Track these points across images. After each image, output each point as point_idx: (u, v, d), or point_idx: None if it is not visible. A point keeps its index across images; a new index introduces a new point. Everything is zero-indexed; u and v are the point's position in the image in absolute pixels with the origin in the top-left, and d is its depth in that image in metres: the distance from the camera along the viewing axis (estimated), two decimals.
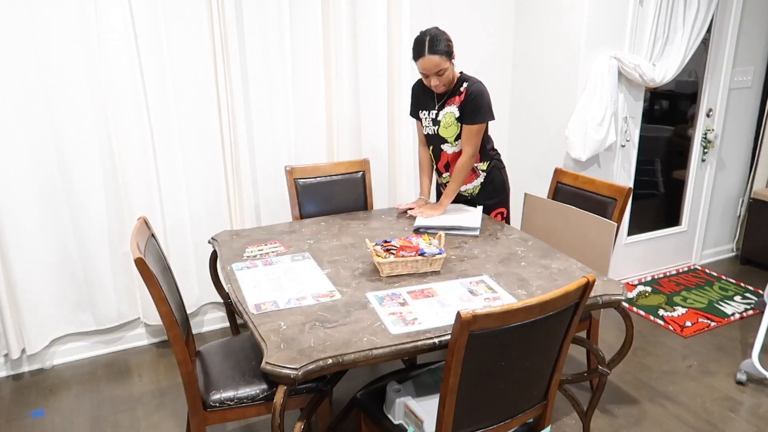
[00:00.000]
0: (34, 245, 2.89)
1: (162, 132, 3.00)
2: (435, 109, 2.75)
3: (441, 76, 2.58)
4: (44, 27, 2.69)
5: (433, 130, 2.78)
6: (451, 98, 2.69)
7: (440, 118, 2.72)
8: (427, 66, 2.55)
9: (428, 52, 2.52)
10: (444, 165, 2.83)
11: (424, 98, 2.81)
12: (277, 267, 2.28)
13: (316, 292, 2.06)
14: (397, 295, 2.03)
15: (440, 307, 1.94)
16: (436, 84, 2.59)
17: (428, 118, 2.78)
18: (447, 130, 2.72)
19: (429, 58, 2.53)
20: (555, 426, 2.62)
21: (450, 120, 2.69)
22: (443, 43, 2.53)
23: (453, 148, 2.76)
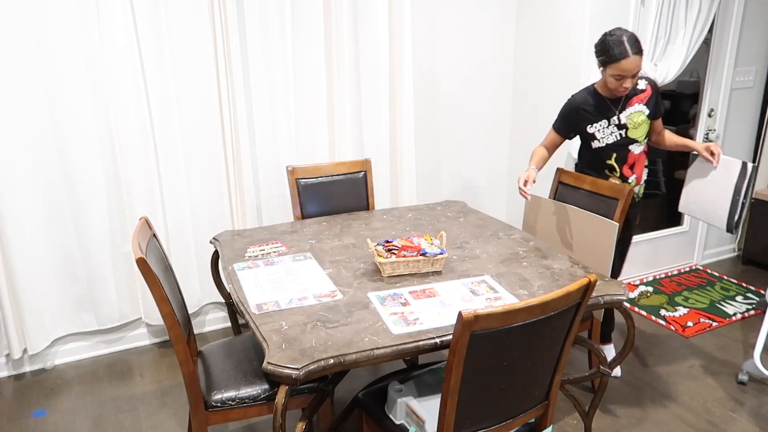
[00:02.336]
0: (36, 245, 2.90)
1: (163, 132, 3.00)
2: (615, 114, 2.62)
3: (634, 77, 2.47)
4: (46, 27, 2.69)
5: (618, 135, 2.64)
6: (630, 99, 2.61)
7: (625, 121, 2.61)
8: (630, 67, 2.41)
9: (633, 52, 2.39)
10: (630, 166, 2.70)
11: (592, 111, 2.66)
12: (279, 267, 2.28)
13: (318, 292, 2.06)
14: (398, 295, 2.03)
15: (442, 307, 1.94)
16: (627, 87, 2.48)
17: (607, 127, 2.64)
18: (637, 130, 2.63)
19: (634, 58, 2.40)
20: (556, 426, 2.61)
21: (639, 119, 2.62)
22: (639, 43, 2.43)
23: (640, 147, 2.68)
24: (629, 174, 2.70)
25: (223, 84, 3.06)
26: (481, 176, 4.05)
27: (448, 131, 3.85)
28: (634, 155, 2.68)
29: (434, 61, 3.67)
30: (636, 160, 2.69)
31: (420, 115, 3.72)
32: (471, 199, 4.05)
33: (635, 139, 2.64)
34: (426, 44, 3.61)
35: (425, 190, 3.89)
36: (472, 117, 3.89)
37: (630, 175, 2.70)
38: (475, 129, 3.93)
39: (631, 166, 2.70)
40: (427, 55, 3.64)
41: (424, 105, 3.72)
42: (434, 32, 3.61)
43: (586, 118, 2.67)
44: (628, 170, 2.70)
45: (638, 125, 2.62)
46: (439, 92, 3.74)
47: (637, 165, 2.70)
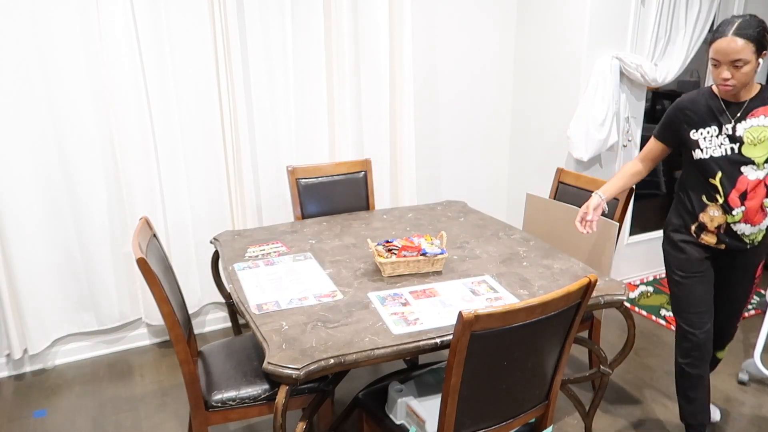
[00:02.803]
0: (37, 245, 2.90)
1: (164, 132, 3.00)
2: (730, 122, 2.10)
3: (737, 69, 1.98)
4: (46, 27, 2.69)
5: (729, 149, 2.09)
6: (756, 108, 2.08)
7: (741, 134, 2.07)
8: (723, 49, 1.96)
9: (732, 32, 1.94)
10: (740, 196, 2.10)
11: (701, 114, 2.16)
12: (279, 267, 2.28)
13: (318, 292, 2.06)
14: (399, 296, 2.03)
15: (442, 307, 1.95)
16: (725, 78, 2.00)
17: (717, 136, 2.11)
18: (756, 149, 2.07)
19: (730, 38, 1.94)
20: (557, 426, 2.61)
21: (762, 135, 2.05)
22: (756, 29, 1.95)
23: (758, 172, 2.08)
24: (736, 204, 2.11)
25: (223, 84, 3.06)
26: (481, 176, 4.05)
27: (448, 131, 3.84)
28: (747, 181, 2.09)
29: (434, 61, 3.67)
30: (751, 189, 2.09)
31: (420, 115, 3.72)
32: (471, 199, 4.05)
33: (751, 159, 2.07)
34: (426, 44, 3.61)
35: (425, 190, 3.89)
36: (473, 117, 3.89)
37: (737, 206, 2.11)
38: (476, 129, 3.93)
39: (742, 195, 2.10)
40: (427, 55, 3.64)
41: (425, 105, 3.72)
42: (434, 32, 3.61)
43: (692, 121, 2.18)
44: (735, 198, 2.10)
45: (759, 142, 2.07)
46: (440, 92, 3.74)
47: (752, 196, 2.10)
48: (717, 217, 2.17)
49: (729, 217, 2.14)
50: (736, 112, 2.10)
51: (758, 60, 1.99)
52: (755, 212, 2.12)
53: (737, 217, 2.13)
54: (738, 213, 2.12)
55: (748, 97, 2.09)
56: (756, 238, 2.18)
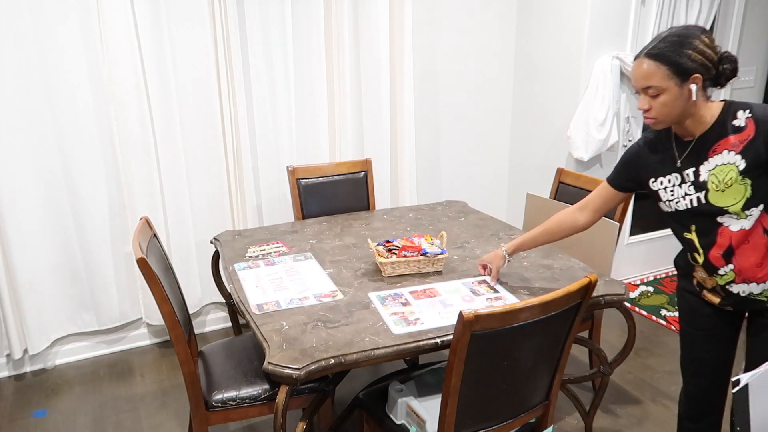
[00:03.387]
0: (37, 245, 2.90)
1: (164, 132, 3.00)
2: (691, 165, 1.67)
3: (654, 99, 1.60)
4: (47, 28, 2.69)
5: (694, 200, 1.67)
6: (717, 142, 1.62)
7: (705, 178, 1.64)
8: (633, 73, 1.64)
9: (644, 53, 1.60)
10: (723, 253, 1.67)
11: (658, 158, 1.75)
12: (279, 267, 2.28)
13: (319, 292, 2.06)
14: (399, 295, 2.03)
15: (442, 307, 1.95)
16: (643, 107, 1.64)
17: (677, 185, 1.70)
18: (725, 196, 1.62)
19: (640, 61, 1.60)
20: (557, 426, 2.61)
21: (730, 176, 1.60)
22: (675, 47, 1.55)
23: (741, 221, 1.63)
24: (720, 263, 1.68)
25: (223, 84, 3.06)
26: (481, 176, 4.05)
27: (448, 131, 3.84)
28: (729, 233, 1.65)
29: (435, 61, 3.67)
30: (734, 242, 1.65)
31: (420, 115, 3.72)
32: (471, 199, 4.05)
33: (723, 208, 1.63)
34: (427, 45, 3.61)
35: (426, 190, 3.89)
36: (473, 117, 3.89)
37: (722, 265, 1.68)
38: (476, 129, 3.93)
39: (726, 253, 1.66)
40: (427, 55, 3.64)
41: (425, 105, 3.72)
42: (435, 33, 3.61)
43: (649, 166, 1.78)
44: (718, 256, 1.67)
45: (726, 186, 1.61)
46: (440, 92, 3.74)
47: (742, 251, 1.65)
48: (706, 279, 1.75)
49: (718, 278, 1.71)
50: (694, 152, 1.66)
51: (682, 87, 1.56)
52: (754, 268, 1.65)
53: (729, 277, 1.68)
54: (727, 273, 1.68)
55: (700, 131, 1.64)
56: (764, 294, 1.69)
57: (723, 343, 1.84)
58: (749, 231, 1.62)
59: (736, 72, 1.59)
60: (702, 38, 1.55)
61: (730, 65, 1.56)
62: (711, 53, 1.55)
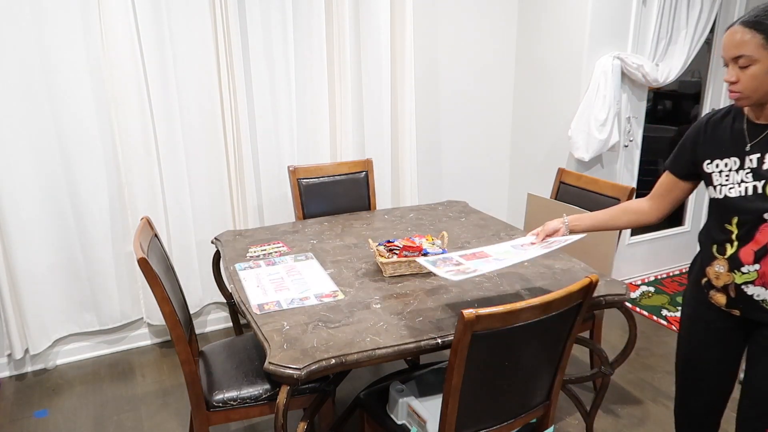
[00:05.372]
0: (38, 245, 2.90)
1: (165, 132, 3.00)
2: (755, 152, 1.56)
3: (743, 70, 1.48)
4: (47, 27, 2.69)
5: (750, 188, 1.56)
6: None
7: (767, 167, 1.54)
8: (725, 42, 1.51)
9: (739, 21, 1.48)
10: (757, 251, 1.58)
11: (720, 140, 1.64)
12: (280, 267, 2.28)
13: (319, 292, 2.06)
14: (450, 259, 1.98)
15: (496, 262, 1.87)
16: (728, 80, 1.52)
17: (734, 170, 1.60)
18: None
19: (734, 29, 1.49)
20: (558, 426, 2.61)
21: None
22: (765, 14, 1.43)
23: None
24: (748, 260, 1.59)
25: (224, 84, 3.06)
26: (482, 176, 4.05)
27: (449, 131, 3.85)
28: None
29: (436, 60, 3.67)
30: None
31: (421, 115, 3.72)
32: (472, 199, 4.05)
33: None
34: (427, 45, 3.61)
35: (427, 190, 3.89)
36: (474, 117, 3.89)
37: (749, 262, 1.59)
38: (477, 129, 3.93)
39: (761, 251, 1.57)
40: (428, 56, 3.64)
41: (426, 105, 3.72)
42: (436, 33, 3.62)
43: (708, 148, 1.67)
44: (749, 252, 1.59)
45: None
46: (441, 92, 3.74)
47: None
48: (722, 274, 1.66)
49: (737, 276, 1.62)
50: (764, 137, 1.56)
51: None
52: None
53: (749, 277, 1.60)
54: (750, 271, 1.59)
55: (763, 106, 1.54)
56: None
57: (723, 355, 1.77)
58: None
59: None
60: None
61: None
62: None
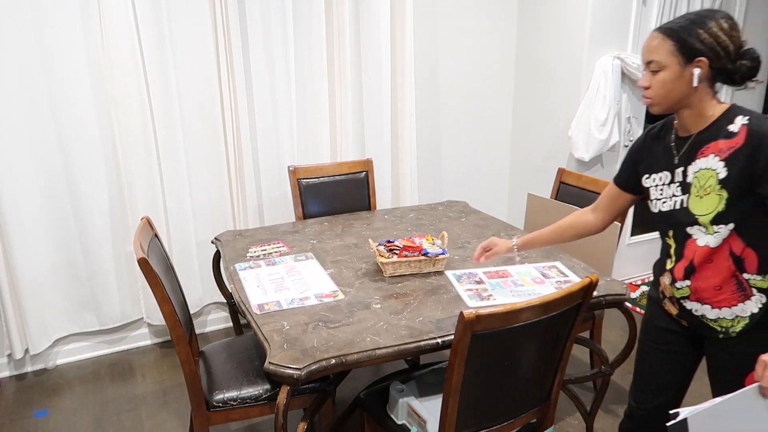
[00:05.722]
0: (38, 245, 2.90)
1: (165, 132, 3.00)
2: (681, 165, 1.56)
3: (654, 75, 1.50)
4: (48, 27, 2.69)
5: (677, 202, 1.56)
6: (708, 143, 1.49)
7: (690, 180, 1.52)
8: (643, 47, 1.54)
9: (658, 27, 1.51)
10: (686, 267, 1.56)
11: (654, 153, 1.65)
12: (280, 267, 2.28)
13: (320, 293, 2.06)
14: (473, 274, 2.19)
15: (514, 286, 2.08)
16: (642, 84, 1.55)
17: (666, 184, 1.59)
18: (701, 203, 1.49)
19: (651, 35, 1.51)
20: (558, 426, 2.61)
21: (707, 182, 1.48)
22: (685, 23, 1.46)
23: (708, 237, 1.50)
24: (679, 275, 1.58)
25: (224, 83, 3.06)
26: (482, 176, 4.05)
27: (449, 131, 3.85)
28: (695, 248, 1.53)
29: (436, 60, 3.67)
30: (697, 260, 1.53)
31: (421, 116, 3.72)
32: (472, 199, 4.05)
33: (695, 217, 1.51)
34: (427, 45, 3.61)
35: (427, 190, 3.89)
36: (474, 117, 3.89)
37: (680, 278, 1.58)
38: (477, 129, 3.93)
39: (688, 269, 1.56)
40: (428, 55, 3.64)
41: (426, 105, 3.72)
42: (436, 33, 3.62)
43: (647, 161, 1.67)
44: (680, 269, 1.58)
45: (705, 193, 1.49)
46: (441, 92, 3.74)
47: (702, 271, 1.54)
48: (667, 286, 1.65)
49: (675, 290, 1.61)
50: (688, 150, 1.54)
51: (685, 68, 1.45)
52: (711, 290, 1.53)
53: (684, 293, 1.59)
54: (683, 287, 1.58)
55: (697, 129, 1.52)
56: (731, 327, 1.53)
57: (673, 364, 1.73)
58: (714, 250, 1.49)
59: (756, 72, 1.46)
60: (720, 22, 1.42)
61: (750, 62, 1.43)
62: (726, 40, 1.41)
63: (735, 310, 1.51)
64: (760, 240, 1.47)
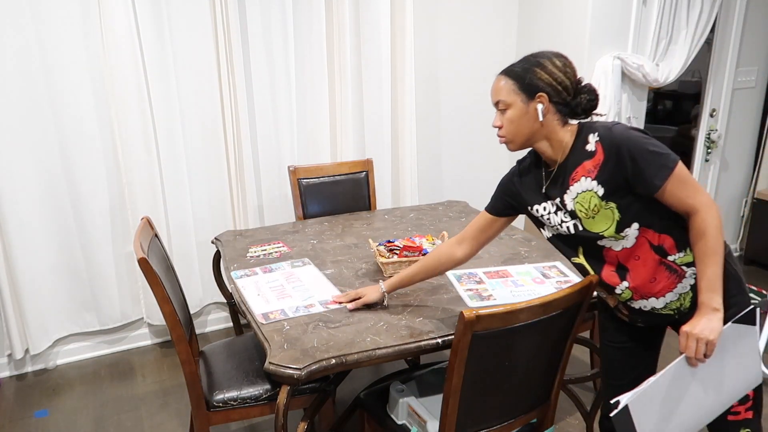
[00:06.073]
0: (38, 245, 2.90)
1: (165, 132, 3.00)
2: (554, 195, 1.64)
3: (503, 114, 1.60)
4: (48, 28, 2.69)
5: (571, 227, 1.62)
6: (575, 169, 1.58)
7: (572, 207, 1.59)
8: (491, 90, 1.65)
9: (502, 70, 1.63)
10: (616, 269, 1.61)
11: (528, 187, 1.73)
12: (278, 274, 2.26)
13: (324, 299, 2.02)
14: (473, 275, 2.20)
15: (514, 286, 2.08)
16: (495, 124, 1.63)
17: (552, 212, 1.67)
18: (597, 222, 1.56)
19: (496, 78, 1.63)
20: (558, 426, 2.61)
21: (593, 203, 1.55)
22: (525, 65, 1.58)
23: (620, 242, 1.57)
24: (615, 281, 1.62)
25: (224, 83, 3.06)
26: (483, 176, 4.05)
27: (449, 131, 3.85)
28: (613, 253, 1.60)
29: (436, 60, 3.67)
30: (622, 259, 1.60)
31: (422, 115, 3.72)
32: (473, 199, 4.05)
33: (599, 234, 1.57)
34: (428, 44, 3.61)
35: (427, 190, 3.89)
36: (474, 117, 3.89)
37: (616, 283, 1.62)
38: (477, 129, 3.93)
39: (619, 269, 1.61)
40: (429, 55, 3.64)
41: (426, 105, 3.72)
42: (436, 33, 3.61)
43: (525, 194, 1.74)
44: (611, 273, 1.62)
45: (594, 212, 1.56)
46: (441, 92, 3.74)
47: (633, 268, 1.59)
48: (608, 298, 1.70)
49: (618, 296, 1.65)
50: (557, 180, 1.63)
51: (528, 104, 1.55)
52: (647, 284, 1.58)
53: (626, 296, 1.62)
54: (623, 291, 1.62)
55: (560, 157, 1.61)
56: (681, 305, 1.60)
57: (640, 358, 1.77)
58: (634, 248, 1.56)
59: (595, 105, 1.57)
60: (554, 60, 1.56)
61: (588, 96, 1.56)
62: (561, 77, 1.54)
63: (677, 290, 1.58)
64: (668, 223, 1.55)
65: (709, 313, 1.47)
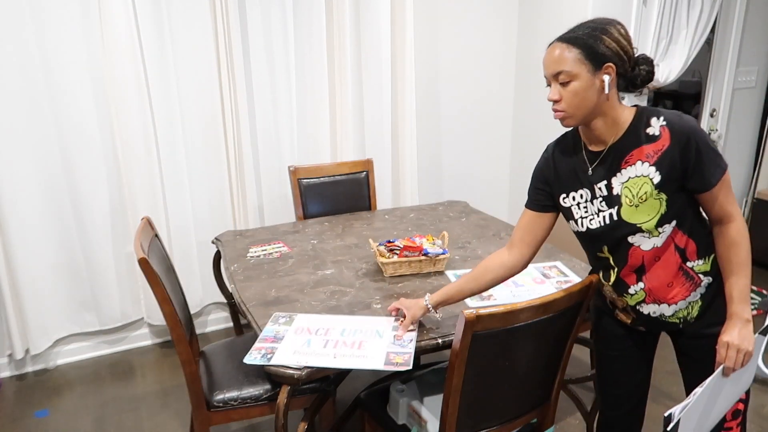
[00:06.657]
0: (38, 245, 2.90)
1: (166, 132, 3.00)
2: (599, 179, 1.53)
3: (564, 87, 1.45)
4: (48, 28, 2.69)
5: (606, 216, 1.52)
6: (630, 151, 1.47)
7: (618, 191, 1.49)
8: (545, 59, 1.47)
9: (558, 37, 1.46)
10: (636, 269, 1.55)
11: (564, 171, 1.61)
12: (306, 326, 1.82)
13: (390, 339, 1.76)
14: None
15: (515, 287, 2.07)
16: (551, 99, 1.47)
17: (591, 200, 1.55)
18: (639, 212, 1.47)
19: (552, 46, 1.46)
20: (558, 426, 2.61)
21: (644, 190, 1.45)
22: (588, 30, 1.43)
23: (653, 239, 1.49)
24: (632, 281, 1.56)
25: (225, 84, 3.06)
26: (483, 176, 4.05)
27: (450, 131, 3.85)
28: (640, 253, 1.52)
29: (436, 61, 3.67)
30: (647, 261, 1.52)
31: (422, 115, 3.72)
32: (473, 199, 4.05)
33: (636, 225, 1.49)
34: (428, 45, 3.61)
35: (427, 190, 3.89)
36: (474, 116, 3.89)
37: (633, 282, 1.56)
38: (477, 129, 3.93)
39: (639, 270, 1.54)
40: (429, 56, 3.64)
41: (426, 104, 3.72)
42: (436, 33, 3.62)
43: (560, 180, 1.62)
44: (630, 274, 1.56)
45: (641, 201, 1.46)
46: (441, 92, 3.74)
47: (653, 270, 1.53)
48: (616, 299, 1.64)
49: (628, 298, 1.59)
50: (606, 162, 1.51)
51: (596, 75, 1.42)
52: (664, 288, 1.53)
53: (639, 297, 1.57)
54: (637, 291, 1.56)
55: (613, 138, 1.49)
56: (689, 314, 1.56)
57: (638, 365, 1.74)
58: (660, 248, 1.49)
59: (653, 76, 1.47)
60: (618, 28, 1.44)
61: (647, 67, 1.46)
62: (627, 45, 1.43)
63: (689, 298, 1.55)
64: (697, 227, 1.51)
65: (742, 323, 1.49)
